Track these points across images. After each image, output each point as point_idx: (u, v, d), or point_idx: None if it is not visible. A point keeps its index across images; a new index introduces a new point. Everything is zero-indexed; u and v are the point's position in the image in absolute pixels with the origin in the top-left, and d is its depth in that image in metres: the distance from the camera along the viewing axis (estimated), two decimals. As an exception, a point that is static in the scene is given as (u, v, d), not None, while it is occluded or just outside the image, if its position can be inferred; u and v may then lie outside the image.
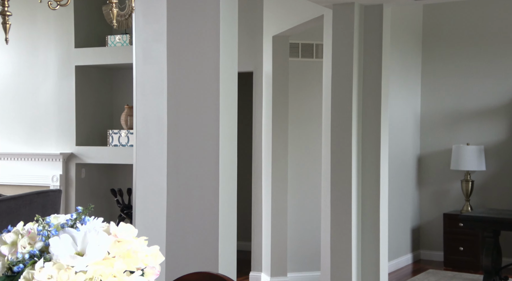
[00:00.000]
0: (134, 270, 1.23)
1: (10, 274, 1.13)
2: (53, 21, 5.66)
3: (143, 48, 2.95)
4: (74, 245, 1.19)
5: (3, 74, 5.92)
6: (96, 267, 1.17)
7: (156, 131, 2.97)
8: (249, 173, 5.61)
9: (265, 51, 5.29)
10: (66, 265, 1.14)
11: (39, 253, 1.16)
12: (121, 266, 1.20)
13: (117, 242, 1.24)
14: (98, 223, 1.29)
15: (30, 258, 1.14)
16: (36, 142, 5.82)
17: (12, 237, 1.18)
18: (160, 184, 2.97)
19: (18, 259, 1.13)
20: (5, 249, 1.16)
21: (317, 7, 4.23)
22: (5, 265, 1.13)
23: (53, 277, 1.12)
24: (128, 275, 1.21)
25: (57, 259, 1.14)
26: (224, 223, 2.87)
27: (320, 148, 4.65)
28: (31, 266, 1.13)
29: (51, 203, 4.28)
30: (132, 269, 1.23)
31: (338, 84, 4.11)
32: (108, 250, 1.22)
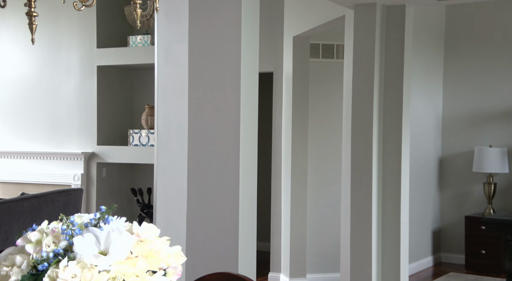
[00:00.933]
0: (156, 270, 1.23)
1: (35, 273, 1.14)
2: (76, 21, 5.72)
3: (164, 49, 2.96)
4: (98, 244, 1.20)
5: (27, 74, 6.00)
6: (119, 267, 1.17)
7: (177, 131, 2.99)
8: (268, 173, 5.61)
9: (285, 52, 5.27)
10: (90, 264, 1.15)
11: (63, 252, 1.17)
12: (144, 265, 1.21)
13: (140, 241, 1.24)
14: (121, 222, 1.29)
15: (55, 257, 1.15)
16: (58, 141, 5.88)
17: (37, 235, 1.19)
18: (181, 184, 2.98)
19: (42, 258, 1.14)
20: (30, 248, 1.17)
21: (338, 7, 4.21)
22: (30, 263, 1.14)
23: (77, 276, 1.12)
24: (150, 275, 1.21)
25: (81, 258, 1.15)
26: (244, 223, 2.87)
27: (340, 149, 4.63)
28: (56, 265, 1.14)
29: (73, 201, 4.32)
30: (154, 269, 1.23)
31: (359, 85, 4.09)
32: (131, 250, 1.22)
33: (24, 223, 3.70)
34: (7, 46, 6.05)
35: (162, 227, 2.99)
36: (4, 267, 1.14)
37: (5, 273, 1.14)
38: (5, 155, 6.03)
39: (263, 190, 5.95)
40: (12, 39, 6.02)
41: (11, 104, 6.05)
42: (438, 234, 6.41)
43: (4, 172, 6.05)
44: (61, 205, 4.17)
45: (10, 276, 1.13)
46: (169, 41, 2.94)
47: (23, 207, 3.77)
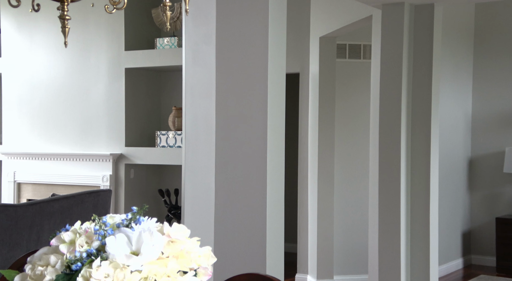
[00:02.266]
0: (187, 271, 1.24)
1: (69, 272, 1.15)
2: (104, 24, 5.79)
3: (192, 51, 2.98)
4: (129, 245, 1.21)
5: (56, 76, 6.10)
6: (150, 267, 1.18)
7: (205, 133, 3.00)
8: (294, 174, 5.60)
9: (311, 52, 5.26)
10: (122, 264, 1.16)
11: (96, 252, 1.18)
12: (175, 266, 1.22)
13: (171, 242, 1.25)
14: (152, 223, 1.30)
15: (88, 256, 1.17)
16: (88, 143, 5.97)
17: (70, 236, 1.21)
18: (209, 185, 2.99)
19: (76, 258, 1.16)
20: (63, 248, 1.19)
21: (365, 7, 4.18)
22: (64, 263, 1.16)
23: (110, 276, 1.14)
24: (181, 275, 1.22)
25: (113, 258, 1.16)
26: (272, 225, 2.87)
27: (368, 150, 4.59)
28: (89, 265, 1.15)
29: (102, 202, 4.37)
30: (185, 270, 1.24)
31: (387, 85, 4.05)
32: (162, 250, 1.23)
33: (55, 224, 3.75)
34: (38, 50, 6.16)
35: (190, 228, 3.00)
36: (39, 267, 1.16)
37: (40, 272, 1.16)
38: (36, 157, 6.14)
39: (290, 190, 5.94)
40: (44, 43, 6.13)
41: (42, 106, 6.16)
42: (468, 236, 6.31)
43: (35, 174, 6.16)
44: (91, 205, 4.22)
45: (45, 276, 1.15)
46: (197, 43, 2.96)
47: (54, 208, 3.82)
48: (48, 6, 1.41)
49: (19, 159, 6.21)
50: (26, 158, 6.17)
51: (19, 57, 6.24)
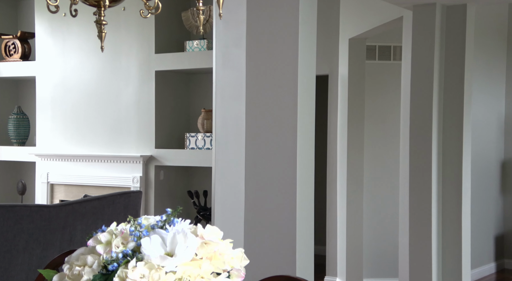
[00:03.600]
0: (220, 272, 1.25)
1: (105, 272, 1.18)
2: (135, 28, 5.87)
3: (222, 53, 3.00)
4: (164, 246, 1.23)
5: (88, 79, 6.20)
6: (185, 268, 1.20)
7: (235, 135, 3.02)
8: (323, 176, 5.58)
9: (341, 54, 5.24)
10: (157, 265, 1.18)
11: (131, 252, 1.20)
12: (208, 267, 1.23)
13: (204, 243, 1.26)
14: (186, 224, 1.32)
15: (123, 257, 1.19)
16: (118, 145, 6.05)
17: (106, 237, 1.23)
18: (238, 187, 3.00)
19: (112, 258, 1.18)
20: (100, 248, 1.21)
21: (396, 8, 4.15)
22: (101, 263, 1.18)
23: (145, 276, 1.15)
24: (214, 276, 1.23)
25: (149, 259, 1.18)
26: (301, 227, 2.87)
27: (398, 152, 4.55)
28: (125, 265, 1.17)
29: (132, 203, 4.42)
30: (218, 271, 1.25)
31: (418, 87, 4.01)
32: (196, 252, 1.24)
33: (87, 224, 3.80)
34: (71, 53, 6.27)
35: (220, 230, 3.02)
36: (76, 267, 1.19)
37: (78, 272, 1.18)
38: (68, 158, 6.25)
39: (318, 192, 5.91)
40: (76, 47, 6.24)
41: (74, 109, 6.27)
42: (501, 239, 6.19)
43: (67, 175, 6.26)
44: (121, 207, 4.27)
45: (83, 276, 1.17)
46: (227, 46, 2.98)
47: (86, 209, 3.88)
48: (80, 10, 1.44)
49: (52, 161, 6.33)
50: (59, 160, 6.28)
51: (53, 60, 6.36)
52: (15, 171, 7.00)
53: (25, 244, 3.39)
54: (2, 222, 3.29)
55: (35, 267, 3.46)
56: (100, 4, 1.29)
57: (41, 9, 6.35)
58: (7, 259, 3.33)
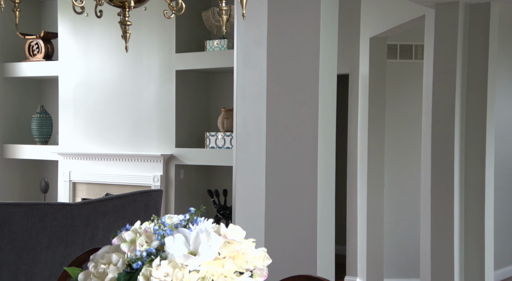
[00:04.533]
0: (243, 271, 1.26)
1: (130, 271, 1.19)
2: (156, 28, 5.90)
3: (243, 53, 3.01)
4: (187, 245, 1.24)
5: (110, 79, 6.25)
6: (208, 267, 1.20)
7: (256, 134, 3.02)
8: (343, 175, 5.55)
9: (361, 53, 5.21)
10: (181, 264, 1.18)
11: (155, 251, 1.21)
12: (232, 266, 1.23)
13: (227, 243, 1.27)
14: (209, 224, 1.32)
15: (148, 256, 1.20)
16: (139, 144, 6.09)
17: (131, 235, 1.24)
18: (259, 186, 3.01)
19: (136, 257, 1.19)
20: (125, 247, 1.22)
21: (418, 7, 4.11)
22: (125, 262, 1.20)
23: (169, 275, 1.16)
24: (237, 276, 1.24)
25: (172, 258, 1.19)
26: (322, 226, 2.86)
27: (419, 152, 4.51)
28: (149, 264, 1.18)
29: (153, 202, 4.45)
30: (241, 270, 1.26)
31: (440, 86, 3.98)
32: (219, 251, 1.25)
33: (109, 222, 3.84)
34: (93, 53, 6.34)
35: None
36: (101, 265, 1.20)
37: (103, 270, 1.19)
38: (89, 157, 6.32)
39: (339, 191, 5.89)
40: (98, 46, 6.30)
41: (96, 108, 6.33)
42: (524, 241, 6.11)
43: (89, 173, 6.33)
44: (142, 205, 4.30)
45: (108, 274, 1.18)
46: (248, 46, 2.99)
47: (108, 207, 3.91)
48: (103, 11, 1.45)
49: (74, 159, 6.40)
50: (81, 158, 6.35)
51: (75, 60, 6.43)
52: (38, 169, 7.10)
53: (48, 242, 3.43)
54: (25, 220, 3.34)
55: (58, 265, 3.51)
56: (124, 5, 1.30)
57: (64, 9, 6.42)
58: (31, 256, 3.38)
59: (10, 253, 3.32)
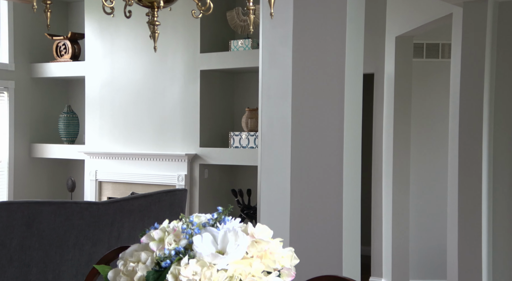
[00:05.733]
0: (270, 271, 1.25)
1: (158, 269, 1.19)
2: (181, 28, 5.93)
3: (269, 53, 3.01)
4: (215, 244, 1.24)
5: (135, 79, 6.31)
6: (236, 266, 1.20)
7: (281, 134, 3.02)
8: (368, 175, 5.51)
9: (387, 52, 5.17)
10: (209, 262, 1.19)
11: (183, 250, 1.22)
12: (259, 266, 1.23)
13: (255, 242, 1.27)
14: (236, 223, 1.32)
15: (176, 254, 1.20)
16: (164, 144, 6.14)
17: (159, 234, 1.25)
18: (284, 186, 3.00)
19: (165, 255, 1.20)
20: (153, 245, 1.23)
21: (445, 5, 4.06)
22: (154, 260, 1.20)
23: (197, 273, 1.17)
24: (265, 275, 1.24)
25: (200, 257, 1.19)
26: (348, 227, 2.84)
27: (445, 152, 4.46)
28: (177, 262, 1.19)
29: (178, 201, 4.48)
30: (269, 270, 1.25)
31: (468, 85, 3.92)
32: (246, 250, 1.25)
33: (134, 221, 3.87)
34: (118, 53, 6.40)
35: (266, 228, 3.02)
36: (130, 263, 1.21)
37: (132, 268, 1.20)
38: (115, 156, 6.38)
39: (363, 192, 5.84)
40: (123, 47, 6.36)
41: (121, 108, 6.40)
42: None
43: (114, 173, 6.40)
44: (167, 204, 4.33)
45: (137, 272, 1.19)
46: (273, 45, 2.98)
47: (133, 206, 3.95)
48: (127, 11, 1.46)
49: (100, 158, 6.48)
50: (107, 158, 6.43)
51: (101, 60, 6.51)
52: (65, 168, 7.20)
53: (75, 240, 3.47)
54: (53, 218, 3.38)
55: (85, 263, 3.55)
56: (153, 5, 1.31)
57: (91, 10, 6.50)
58: (59, 254, 3.42)
59: (38, 251, 3.37)
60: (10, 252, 3.28)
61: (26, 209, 3.32)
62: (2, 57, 6.75)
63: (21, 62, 6.85)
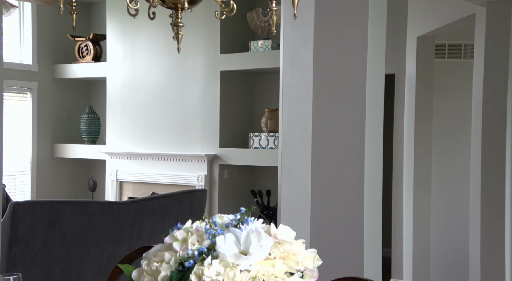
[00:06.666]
0: (293, 272, 1.25)
1: (182, 269, 1.20)
2: (201, 29, 5.96)
3: (290, 53, 3.00)
4: (238, 245, 1.24)
5: (156, 80, 6.35)
6: (259, 267, 1.20)
7: (301, 135, 3.01)
8: (389, 177, 5.48)
9: (408, 53, 5.13)
10: (232, 263, 1.19)
11: (206, 250, 1.22)
12: (282, 267, 1.23)
13: (278, 243, 1.27)
14: (259, 224, 1.33)
15: (199, 255, 1.21)
16: (184, 144, 6.16)
17: (182, 234, 1.26)
18: (305, 187, 3.00)
19: (188, 255, 1.20)
20: (177, 245, 1.23)
21: (468, 5, 4.02)
22: (177, 260, 1.21)
23: (221, 274, 1.17)
24: (288, 276, 1.23)
25: (224, 257, 1.20)
26: (369, 228, 2.83)
27: (468, 153, 4.41)
28: (201, 263, 1.19)
29: (198, 201, 4.49)
30: (292, 271, 1.25)
31: (491, 86, 3.87)
32: (269, 251, 1.25)
33: (155, 221, 3.90)
34: (139, 54, 6.45)
35: (286, 229, 3.01)
36: (154, 263, 1.22)
37: (156, 268, 1.21)
38: (135, 157, 6.43)
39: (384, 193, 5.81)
40: (144, 48, 6.41)
41: (142, 108, 6.44)
42: None
43: (135, 173, 6.45)
44: (187, 204, 4.35)
45: (160, 271, 1.20)
46: (294, 46, 2.98)
47: (154, 206, 3.97)
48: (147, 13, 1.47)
49: (121, 159, 6.53)
50: (127, 158, 6.48)
51: (122, 61, 6.56)
52: (86, 168, 7.27)
53: (97, 239, 3.50)
54: (75, 218, 3.42)
55: (106, 262, 3.58)
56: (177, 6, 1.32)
57: (112, 12, 6.56)
58: (80, 253, 3.46)
59: (60, 250, 3.40)
60: (33, 251, 3.33)
61: (49, 208, 3.36)
62: (26, 59, 6.84)
63: (44, 63, 6.94)
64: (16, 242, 3.28)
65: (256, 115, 6.23)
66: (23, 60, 6.83)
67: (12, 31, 6.75)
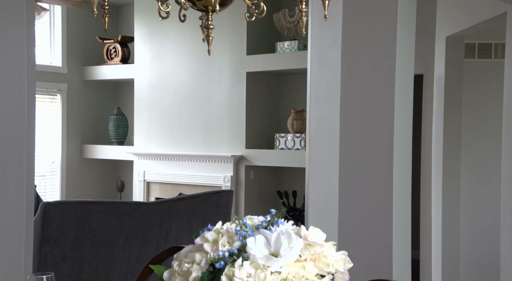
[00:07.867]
0: (324, 274, 1.24)
1: (213, 270, 1.20)
2: (228, 30, 5.98)
3: (317, 54, 2.99)
4: (268, 246, 1.24)
5: (182, 81, 6.40)
6: (289, 269, 1.20)
7: (329, 136, 2.99)
8: (417, 178, 5.41)
9: (437, 53, 5.06)
10: (262, 265, 1.19)
11: (237, 251, 1.22)
12: (313, 269, 1.22)
13: (308, 245, 1.26)
14: (289, 225, 1.32)
15: (230, 256, 1.21)
16: (210, 145, 6.19)
17: (213, 235, 1.26)
18: (332, 189, 2.98)
19: (219, 257, 1.20)
20: (207, 247, 1.24)
21: (499, 4, 3.94)
22: (208, 261, 1.21)
23: (251, 276, 1.17)
24: (318, 278, 1.23)
25: (254, 259, 1.19)
26: (398, 230, 2.80)
27: (499, 155, 4.33)
28: (231, 264, 1.19)
29: (224, 202, 4.51)
30: (323, 273, 1.24)
31: (523, 86, 3.80)
32: (300, 253, 1.25)
33: (182, 222, 3.92)
34: (167, 56, 6.50)
35: (314, 231, 3.00)
36: (185, 264, 1.23)
37: (187, 269, 1.22)
38: (163, 157, 6.48)
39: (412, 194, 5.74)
40: (172, 49, 6.46)
41: (169, 110, 6.49)
42: None
43: (162, 173, 6.50)
44: (214, 205, 4.37)
45: (191, 272, 1.20)
46: (322, 47, 2.97)
47: (180, 207, 4.00)
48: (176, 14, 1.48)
49: (148, 160, 6.59)
50: (155, 159, 6.53)
51: (150, 63, 6.62)
52: (114, 169, 7.36)
53: (125, 239, 3.54)
54: (104, 218, 3.46)
55: (134, 262, 3.61)
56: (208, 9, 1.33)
57: (140, 14, 6.63)
58: (109, 253, 3.50)
59: (90, 249, 3.45)
60: (63, 250, 3.38)
61: (79, 208, 3.41)
62: (56, 61, 6.96)
63: (73, 65, 7.05)
64: (47, 241, 3.33)
65: (282, 116, 6.22)
66: (53, 63, 6.95)
67: (42, 34, 6.87)
